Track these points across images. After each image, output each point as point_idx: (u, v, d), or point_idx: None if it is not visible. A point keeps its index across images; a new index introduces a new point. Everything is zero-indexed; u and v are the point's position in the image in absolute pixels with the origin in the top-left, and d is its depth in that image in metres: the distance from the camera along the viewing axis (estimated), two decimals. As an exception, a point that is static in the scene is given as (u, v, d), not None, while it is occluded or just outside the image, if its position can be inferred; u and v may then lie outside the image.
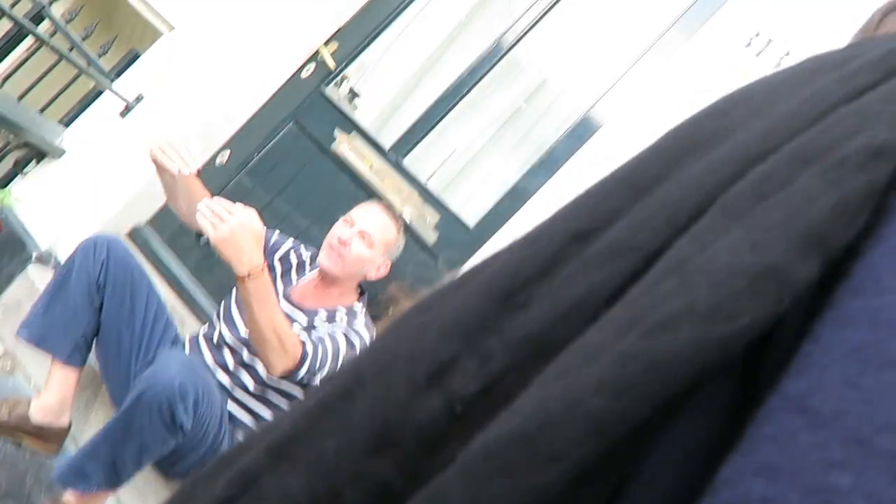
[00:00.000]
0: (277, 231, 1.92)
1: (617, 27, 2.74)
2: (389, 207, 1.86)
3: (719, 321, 0.19)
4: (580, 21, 2.74)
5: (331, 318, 1.71)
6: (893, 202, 0.20)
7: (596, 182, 0.27)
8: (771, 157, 0.22)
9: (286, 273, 1.84)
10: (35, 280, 2.14)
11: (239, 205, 1.48)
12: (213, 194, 1.65)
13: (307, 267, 1.85)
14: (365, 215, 1.76)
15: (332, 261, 1.71)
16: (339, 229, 1.75)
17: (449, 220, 2.25)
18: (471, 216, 2.28)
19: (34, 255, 2.21)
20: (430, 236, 2.23)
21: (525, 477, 0.19)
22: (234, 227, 1.43)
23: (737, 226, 0.21)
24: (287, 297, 1.77)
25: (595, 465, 0.19)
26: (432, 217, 2.25)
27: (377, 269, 1.78)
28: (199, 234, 1.72)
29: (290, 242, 1.88)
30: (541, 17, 2.38)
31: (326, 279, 1.76)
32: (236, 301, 1.77)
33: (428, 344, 0.24)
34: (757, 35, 1.96)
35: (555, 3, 2.38)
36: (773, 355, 0.20)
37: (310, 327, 1.68)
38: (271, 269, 1.83)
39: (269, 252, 1.84)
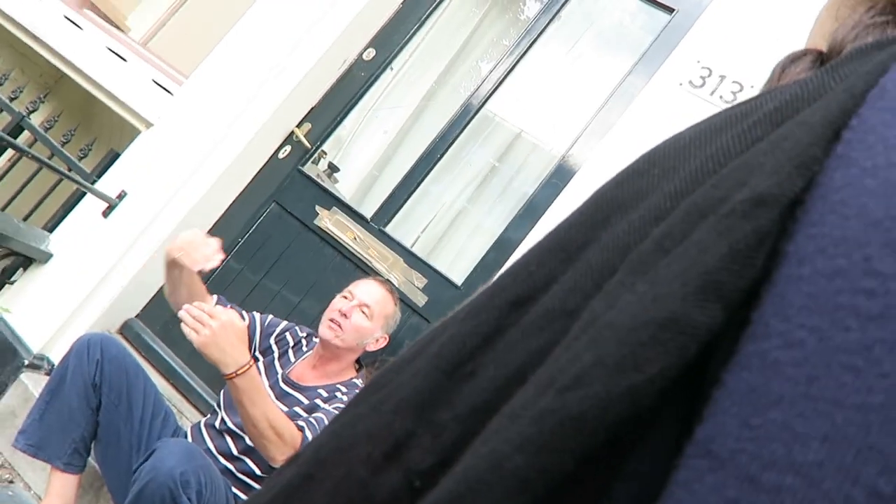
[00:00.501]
0: (270, 315, 1.93)
1: (581, 76, 2.83)
2: (386, 282, 1.89)
3: (627, 372, 0.20)
4: (545, 74, 2.84)
5: (331, 396, 1.70)
6: (784, 248, 0.22)
7: (530, 249, 0.29)
8: (672, 213, 0.24)
9: (283, 354, 1.84)
10: (29, 386, 2.13)
11: (218, 307, 1.52)
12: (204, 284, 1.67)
13: (304, 346, 1.86)
14: (363, 289, 1.79)
15: (333, 332, 1.72)
16: (339, 302, 1.78)
17: (436, 281, 2.27)
18: (458, 275, 2.30)
19: (26, 361, 2.20)
20: (420, 299, 2.24)
21: None
22: (216, 329, 1.45)
23: (641, 280, 0.22)
24: (286, 378, 1.76)
25: None
26: (419, 280, 2.27)
27: (376, 341, 1.80)
28: None
29: (284, 324, 1.90)
30: (507, 75, 2.46)
31: (326, 354, 1.76)
32: None
33: (383, 421, 0.25)
34: (709, 74, 2.04)
35: (518, 60, 2.46)
36: (695, 406, 0.21)
37: (311, 408, 1.67)
38: (269, 351, 1.84)
39: (264, 335, 1.85)
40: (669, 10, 2.28)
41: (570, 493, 0.22)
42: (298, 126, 2.52)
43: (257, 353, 1.83)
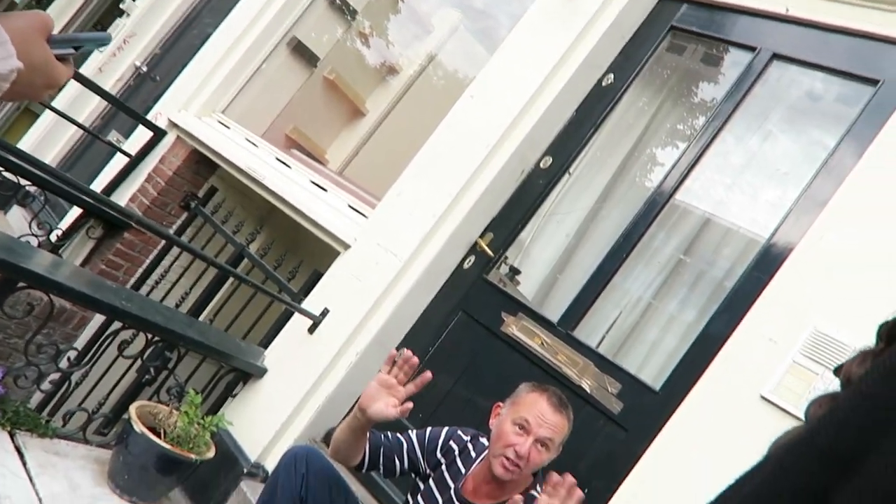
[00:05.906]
0: (429, 428, 1.87)
1: (771, 154, 2.65)
2: (559, 401, 1.72)
3: None
4: (731, 156, 2.69)
5: None
6: None
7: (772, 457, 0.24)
8: None
9: (451, 463, 1.81)
10: (247, 493, 2.28)
11: None
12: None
13: (471, 452, 1.81)
14: (538, 419, 1.67)
15: (512, 474, 1.66)
16: (514, 438, 1.66)
17: (632, 386, 2.13)
18: (653, 375, 2.14)
19: (245, 469, 2.38)
20: (615, 406, 2.12)
21: None
22: None
23: None
24: (459, 496, 1.73)
25: None
26: (613, 386, 2.15)
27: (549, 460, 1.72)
28: (357, 468, 1.78)
29: (445, 432, 1.86)
30: (692, 165, 2.36)
31: (499, 481, 1.69)
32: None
33: None
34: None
35: (704, 150, 2.35)
36: None
37: None
38: (437, 465, 1.81)
39: (427, 452, 1.81)
40: (873, 81, 2.07)
41: None
42: (481, 236, 2.60)
43: (427, 472, 1.81)
